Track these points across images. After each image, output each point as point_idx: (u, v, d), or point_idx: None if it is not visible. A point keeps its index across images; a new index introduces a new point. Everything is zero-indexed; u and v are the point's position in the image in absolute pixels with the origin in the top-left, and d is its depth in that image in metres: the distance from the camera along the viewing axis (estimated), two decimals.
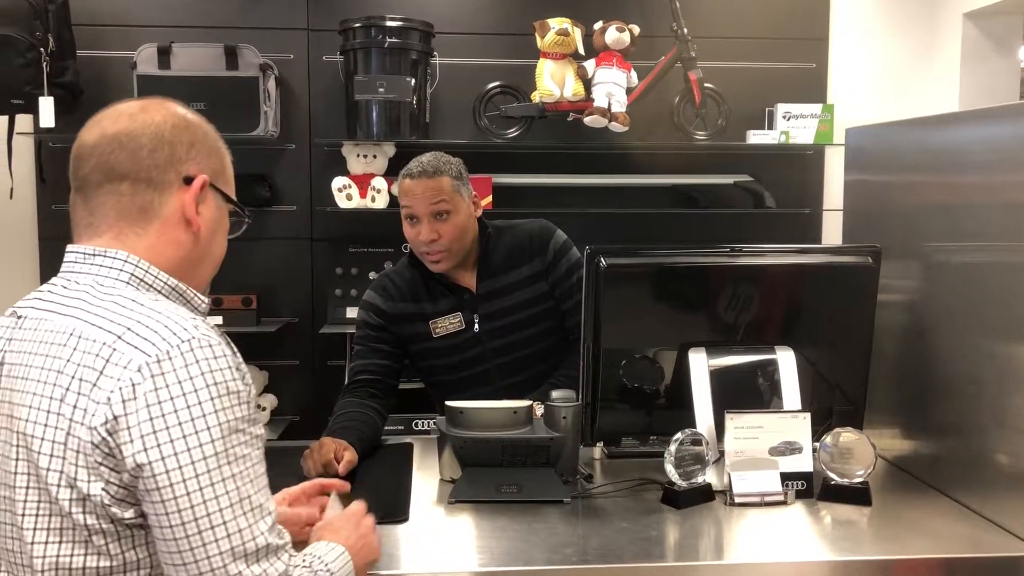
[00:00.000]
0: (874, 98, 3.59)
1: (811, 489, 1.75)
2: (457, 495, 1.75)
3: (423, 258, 2.24)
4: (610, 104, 3.19)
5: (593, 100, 3.22)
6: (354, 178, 3.27)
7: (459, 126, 3.42)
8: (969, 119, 1.84)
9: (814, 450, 1.77)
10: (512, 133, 3.33)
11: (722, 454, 1.76)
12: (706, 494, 1.73)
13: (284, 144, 3.42)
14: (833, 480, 1.74)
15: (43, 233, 3.38)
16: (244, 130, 3.10)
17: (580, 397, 1.84)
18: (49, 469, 1.07)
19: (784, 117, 3.36)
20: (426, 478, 1.89)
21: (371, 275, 3.31)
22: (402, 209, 2.22)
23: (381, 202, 3.25)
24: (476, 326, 2.27)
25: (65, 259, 1.21)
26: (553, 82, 3.22)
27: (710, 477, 1.74)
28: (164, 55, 3.10)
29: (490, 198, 3.24)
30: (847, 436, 1.76)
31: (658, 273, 1.91)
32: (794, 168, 3.58)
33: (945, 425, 1.82)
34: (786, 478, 1.74)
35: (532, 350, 2.30)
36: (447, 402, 1.81)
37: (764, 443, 1.74)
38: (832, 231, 3.54)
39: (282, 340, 3.43)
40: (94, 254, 1.18)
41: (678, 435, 1.70)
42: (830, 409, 1.92)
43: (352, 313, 3.17)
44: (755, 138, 3.39)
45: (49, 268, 3.33)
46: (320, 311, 3.45)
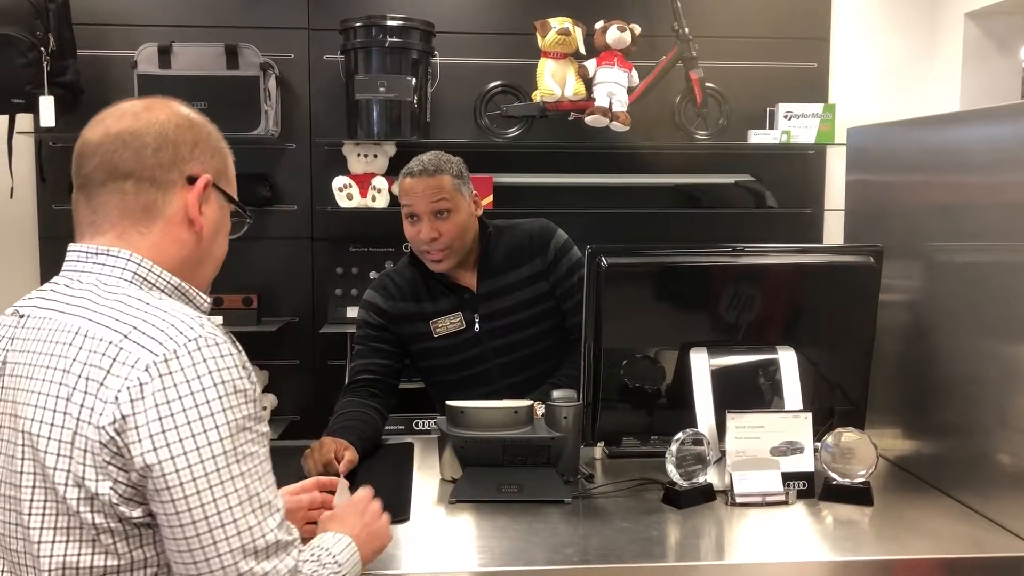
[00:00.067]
0: (875, 98, 3.59)
1: (812, 489, 1.75)
2: (458, 495, 1.74)
3: (423, 257, 2.24)
4: (611, 104, 3.19)
5: (594, 100, 3.21)
6: (355, 177, 3.27)
7: (460, 126, 3.41)
8: (971, 119, 1.84)
9: (815, 450, 1.77)
10: (513, 133, 3.33)
11: (723, 454, 1.76)
12: (707, 494, 1.73)
13: (285, 143, 3.42)
14: (834, 480, 1.74)
15: (43, 232, 3.38)
16: (245, 129, 3.11)
17: (581, 397, 1.84)
18: (56, 468, 1.07)
19: (785, 117, 3.35)
20: (427, 478, 1.89)
21: (371, 275, 3.31)
22: (403, 208, 2.22)
23: (382, 202, 3.25)
24: (477, 326, 2.27)
25: (67, 258, 1.21)
26: (554, 81, 3.22)
27: (711, 477, 1.74)
28: (165, 54, 3.10)
29: (491, 198, 3.24)
30: (848, 436, 1.75)
31: (659, 273, 1.91)
32: (795, 168, 3.58)
33: (947, 425, 1.82)
34: (787, 478, 1.74)
35: (533, 350, 2.30)
36: (448, 402, 1.81)
37: (765, 443, 1.74)
38: (833, 231, 3.53)
39: (282, 340, 3.43)
40: (97, 253, 1.18)
41: (679, 435, 1.70)
42: (831, 409, 1.92)
43: (352, 313, 3.17)
44: (756, 138, 3.39)
45: (49, 267, 3.33)
46: (320, 311, 3.44)
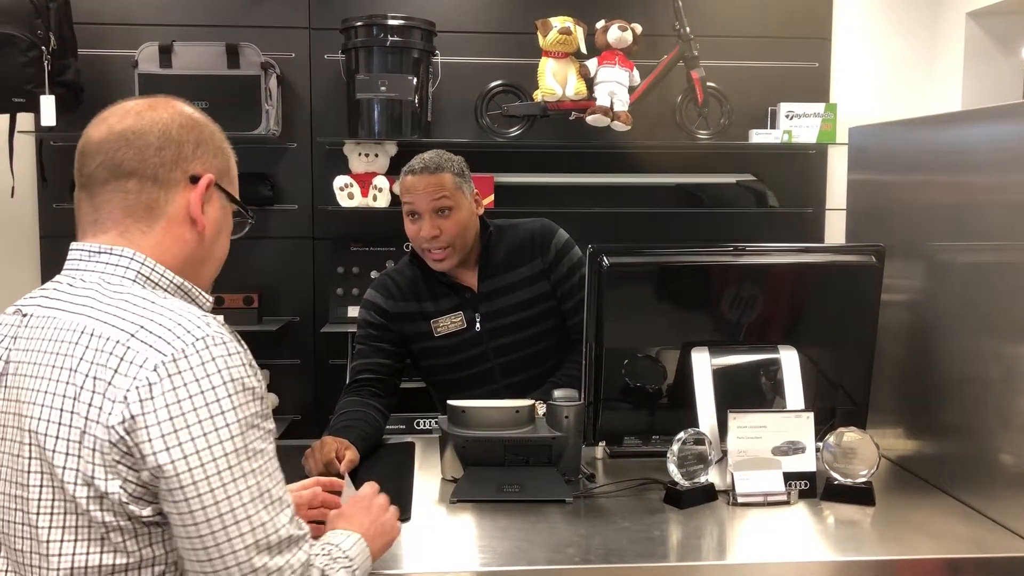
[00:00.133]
0: (877, 97, 3.59)
1: (814, 489, 1.75)
2: (459, 495, 1.74)
3: (424, 255, 2.23)
4: (612, 103, 3.19)
5: (595, 99, 3.21)
6: (356, 177, 3.27)
7: (461, 125, 3.41)
8: (972, 118, 1.83)
9: (817, 450, 1.77)
10: (514, 132, 3.32)
11: (725, 454, 1.76)
12: (709, 494, 1.73)
13: (286, 143, 3.42)
14: (836, 480, 1.74)
15: (44, 232, 3.38)
16: (245, 129, 3.10)
17: (582, 396, 1.84)
18: (65, 467, 1.07)
19: (787, 116, 3.35)
20: (428, 477, 1.88)
21: (372, 274, 3.31)
22: (404, 205, 2.21)
23: (383, 201, 3.25)
24: (477, 325, 2.27)
25: (69, 256, 1.21)
26: (555, 81, 3.21)
27: (713, 477, 1.74)
28: (165, 54, 3.10)
29: (492, 197, 3.24)
30: (850, 436, 1.75)
31: (660, 272, 1.91)
32: (797, 167, 3.58)
33: (949, 425, 1.82)
34: (789, 478, 1.73)
35: (534, 349, 2.30)
36: (449, 401, 1.80)
37: (767, 443, 1.74)
38: (835, 231, 3.53)
39: (283, 339, 3.43)
40: (100, 251, 1.18)
41: (681, 435, 1.69)
42: (833, 409, 1.92)
43: (353, 312, 3.16)
44: (758, 137, 3.38)
45: (50, 266, 3.33)
46: (321, 310, 3.44)
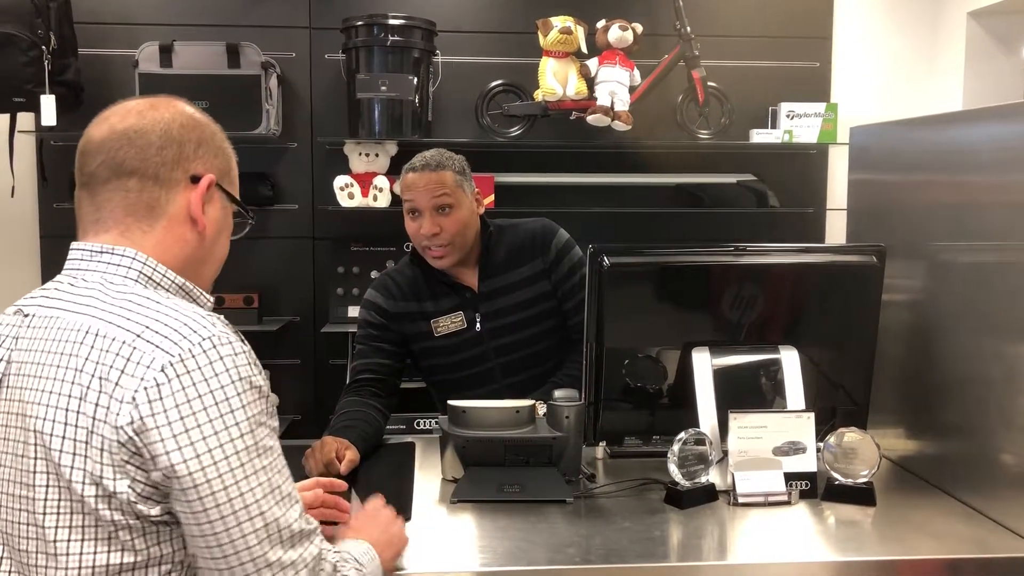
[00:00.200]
0: (878, 97, 3.59)
1: (815, 489, 1.74)
2: (459, 495, 1.74)
3: (424, 253, 2.23)
4: (613, 103, 3.19)
5: (596, 99, 3.21)
6: (356, 177, 3.27)
7: (461, 125, 3.41)
8: (973, 118, 1.83)
9: (818, 450, 1.76)
10: (514, 132, 3.32)
11: (725, 454, 1.76)
12: (709, 494, 1.72)
13: (286, 143, 3.42)
14: (837, 480, 1.74)
15: (44, 231, 3.38)
16: (246, 128, 3.10)
17: (583, 396, 1.84)
18: (73, 467, 1.06)
19: (788, 116, 3.35)
20: (428, 477, 1.88)
21: (373, 274, 3.30)
22: (404, 203, 2.21)
23: (383, 201, 3.24)
24: (478, 325, 2.26)
25: (70, 256, 1.20)
26: (556, 81, 3.21)
27: (713, 477, 1.74)
28: (166, 53, 3.10)
29: (492, 197, 3.24)
30: (851, 436, 1.75)
31: (661, 272, 1.91)
32: (798, 167, 3.58)
33: (950, 425, 1.81)
34: (790, 478, 1.73)
35: (534, 349, 2.29)
36: (449, 401, 1.80)
37: (768, 443, 1.73)
38: (836, 230, 3.53)
39: (283, 339, 3.43)
40: (101, 251, 1.18)
41: (681, 435, 1.69)
42: (834, 409, 1.91)
43: (354, 312, 3.16)
44: (758, 137, 3.38)
45: (50, 266, 3.33)
46: (322, 310, 3.44)
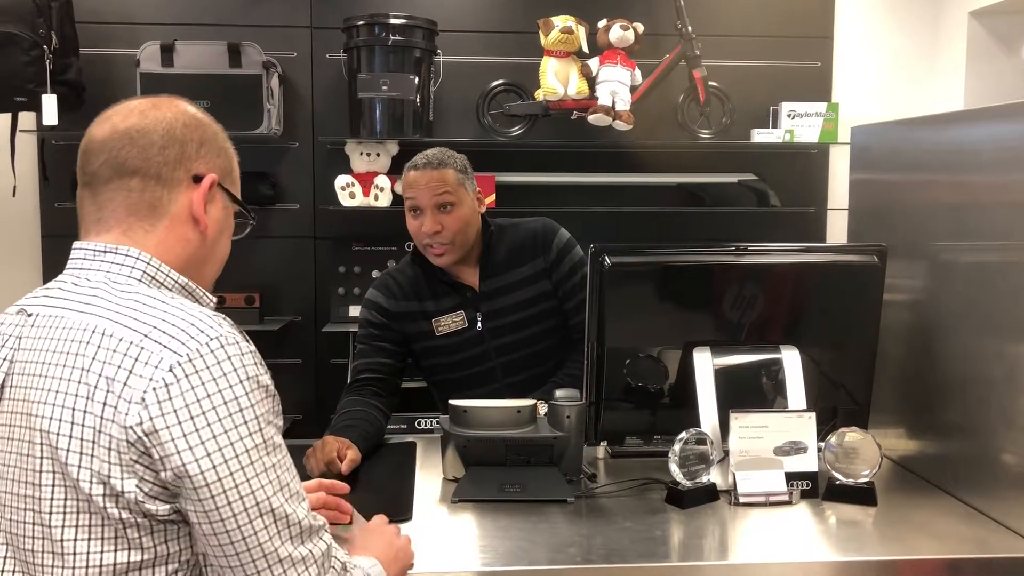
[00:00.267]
0: (879, 96, 3.58)
1: (816, 489, 1.75)
2: (460, 494, 1.74)
3: (426, 252, 2.23)
4: (614, 102, 3.18)
5: (597, 98, 3.21)
6: (357, 176, 3.27)
7: (462, 124, 3.41)
8: (975, 118, 1.83)
9: (819, 450, 1.76)
10: (516, 131, 3.32)
11: (726, 454, 1.76)
12: (710, 494, 1.73)
13: (287, 142, 3.42)
14: (838, 480, 1.74)
15: (46, 231, 3.38)
16: (247, 128, 3.10)
17: (584, 396, 1.84)
18: (80, 466, 1.06)
19: (789, 116, 3.35)
20: (429, 477, 1.88)
21: (374, 273, 3.30)
22: (406, 201, 2.21)
23: (384, 200, 3.24)
24: (479, 324, 2.26)
25: (72, 256, 1.20)
26: (557, 80, 3.21)
27: (714, 477, 1.74)
28: (167, 53, 3.10)
29: (493, 196, 3.24)
30: (852, 436, 1.75)
31: (662, 272, 1.91)
32: (799, 167, 3.57)
33: (951, 425, 1.81)
34: (791, 478, 1.73)
35: (535, 348, 2.29)
36: (450, 401, 1.80)
37: (769, 443, 1.73)
38: (837, 230, 3.53)
39: (285, 339, 3.43)
40: (104, 251, 1.18)
41: (682, 434, 1.69)
42: (835, 409, 1.91)
43: (355, 312, 3.16)
44: (760, 137, 3.38)
45: (52, 266, 3.33)
46: (323, 310, 3.44)
